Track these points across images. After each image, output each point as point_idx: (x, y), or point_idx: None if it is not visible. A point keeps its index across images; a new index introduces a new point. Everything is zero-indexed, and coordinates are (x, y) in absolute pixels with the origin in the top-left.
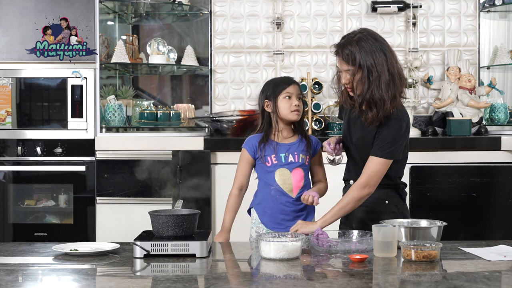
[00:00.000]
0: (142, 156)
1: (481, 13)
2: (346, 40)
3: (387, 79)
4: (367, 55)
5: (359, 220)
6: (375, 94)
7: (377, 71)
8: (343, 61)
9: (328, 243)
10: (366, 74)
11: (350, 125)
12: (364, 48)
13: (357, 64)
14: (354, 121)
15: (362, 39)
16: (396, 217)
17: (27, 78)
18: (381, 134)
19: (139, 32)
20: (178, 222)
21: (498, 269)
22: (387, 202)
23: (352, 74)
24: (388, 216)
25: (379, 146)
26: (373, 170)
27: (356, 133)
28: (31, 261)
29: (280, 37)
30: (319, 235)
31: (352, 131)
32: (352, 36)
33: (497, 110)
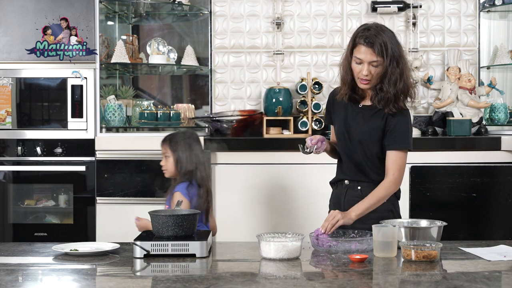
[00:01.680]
0: (142, 156)
1: (481, 13)
2: (374, 31)
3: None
4: (395, 47)
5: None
6: (406, 85)
7: (405, 62)
8: (374, 53)
9: (328, 243)
10: (396, 64)
11: (347, 122)
12: (392, 39)
13: (389, 55)
14: (353, 117)
15: (386, 31)
16: (394, 215)
17: (27, 78)
18: (397, 125)
19: (139, 32)
20: (178, 222)
21: (498, 269)
22: (385, 201)
23: (376, 65)
24: (387, 215)
25: (399, 138)
26: (401, 163)
27: (358, 128)
28: (31, 261)
29: (280, 37)
30: (319, 235)
31: (351, 127)
32: (376, 28)
33: (497, 110)
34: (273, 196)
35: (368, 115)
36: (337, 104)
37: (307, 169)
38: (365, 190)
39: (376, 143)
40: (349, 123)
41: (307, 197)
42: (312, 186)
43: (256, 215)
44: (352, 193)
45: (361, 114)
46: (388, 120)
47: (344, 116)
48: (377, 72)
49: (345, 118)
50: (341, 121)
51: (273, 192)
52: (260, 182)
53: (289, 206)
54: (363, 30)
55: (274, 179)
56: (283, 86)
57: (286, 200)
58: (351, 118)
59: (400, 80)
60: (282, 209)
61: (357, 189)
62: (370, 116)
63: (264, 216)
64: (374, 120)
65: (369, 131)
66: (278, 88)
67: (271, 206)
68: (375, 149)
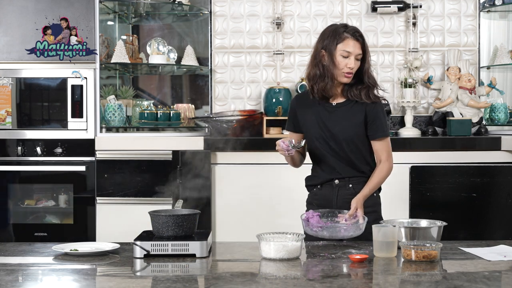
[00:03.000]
0: (142, 156)
1: (481, 13)
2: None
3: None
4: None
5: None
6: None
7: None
8: (360, 46)
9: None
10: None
11: (324, 123)
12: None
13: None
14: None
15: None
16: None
17: (27, 78)
18: (377, 115)
19: (139, 32)
20: (178, 222)
21: (498, 269)
22: (374, 195)
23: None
24: (379, 208)
25: (380, 126)
26: (389, 149)
27: (338, 126)
28: (31, 261)
29: (280, 37)
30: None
31: (331, 127)
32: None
33: (497, 110)
34: (273, 196)
35: (345, 112)
36: (304, 108)
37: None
38: (357, 187)
39: (360, 136)
40: (326, 124)
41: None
42: None
43: (256, 215)
44: (345, 192)
45: (336, 112)
46: (368, 113)
47: (317, 118)
48: (358, 65)
49: (320, 120)
50: (314, 124)
51: (273, 192)
52: (260, 182)
53: (289, 206)
54: (345, 26)
55: (274, 179)
56: (283, 86)
57: (286, 200)
58: (327, 118)
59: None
60: (282, 209)
61: (348, 187)
62: (347, 112)
63: (264, 216)
64: (354, 116)
65: (352, 126)
66: (278, 88)
67: (271, 206)
68: (360, 142)
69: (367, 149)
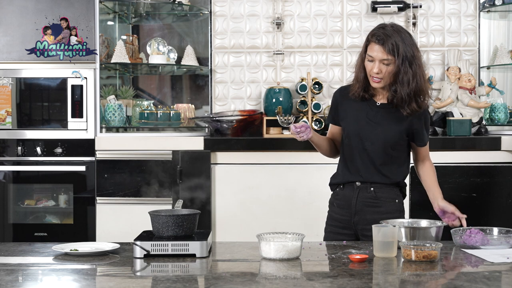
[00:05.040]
0: (142, 156)
1: (481, 13)
2: (387, 30)
3: (425, 71)
4: (408, 47)
5: (369, 221)
6: (420, 84)
7: (419, 63)
8: (385, 51)
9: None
10: (408, 65)
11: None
12: (405, 39)
13: (400, 55)
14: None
15: (401, 31)
16: (402, 215)
17: (27, 78)
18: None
19: (139, 32)
20: (178, 222)
21: (498, 269)
22: (397, 201)
23: (387, 64)
24: (399, 215)
25: (427, 135)
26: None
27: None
28: (31, 261)
29: (280, 37)
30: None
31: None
32: (390, 27)
33: (497, 110)
34: (273, 196)
35: (389, 114)
36: (347, 102)
37: (307, 169)
38: (379, 192)
39: (397, 142)
40: (368, 122)
41: (307, 197)
42: (312, 186)
43: (256, 215)
44: (365, 195)
45: (381, 113)
46: (414, 123)
47: (358, 115)
48: (388, 70)
49: (361, 117)
50: (354, 120)
51: (273, 192)
52: (260, 182)
53: (289, 206)
54: (378, 29)
55: (274, 179)
56: (283, 86)
57: (286, 200)
58: (370, 117)
59: (412, 81)
60: (282, 209)
61: (370, 190)
62: (391, 115)
63: (264, 216)
64: (398, 122)
65: (393, 131)
66: (278, 88)
67: (271, 206)
68: (396, 148)
69: (399, 156)
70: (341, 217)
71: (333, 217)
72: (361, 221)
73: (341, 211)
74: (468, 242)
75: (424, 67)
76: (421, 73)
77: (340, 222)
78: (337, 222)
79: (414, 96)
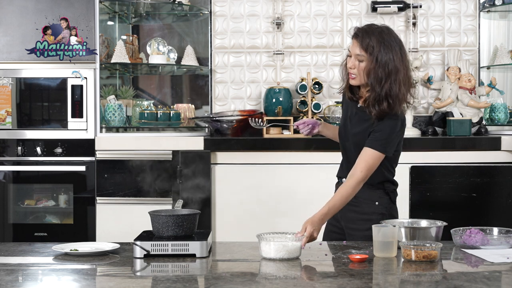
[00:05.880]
0: (142, 156)
1: (481, 13)
2: (369, 27)
3: (404, 78)
4: (386, 49)
5: (349, 219)
6: (392, 89)
7: (394, 67)
8: (359, 45)
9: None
10: (382, 67)
11: (346, 122)
12: (384, 40)
13: (374, 54)
14: (351, 117)
15: (384, 32)
16: (385, 218)
17: (27, 78)
18: (379, 127)
19: (139, 32)
20: (178, 222)
21: (498, 269)
22: (377, 204)
23: (361, 60)
24: (377, 217)
25: (376, 139)
26: (372, 164)
27: (353, 129)
28: (31, 261)
29: (280, 37)
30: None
31: (348, 127)
32: (375, 27)
33: (497, 110)
34: (273, 196)
35: (362, 116)
36: (344, 102)
37: (307, 169)
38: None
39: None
40: (347, 124)
41: (307, 197)
42: (312, 186)
43: (256, 215)
44: None
45: (358, 115)
46: (376, 122)
47: (345, 115)
48: (361, 67)
49: (345, 118)
50: (342, 121)
51: (273, 192)
52: (260, 182)
53: (289, 206)
54: (364, 26)
55: (274, 179)
56: (283, 86)
57: (286, 200)
58: (349, 119)
59: (385, 82)
60: (282, 209)
61: None
62: (363, 117)
63: (264, 216)
64: (366, 121)
65: (361, 131)
66: (278, 88)
67: (271, 206)
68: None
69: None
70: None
71: None
72: (344, 217)
73: None
74: (468, 242)
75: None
76: (400, 77)
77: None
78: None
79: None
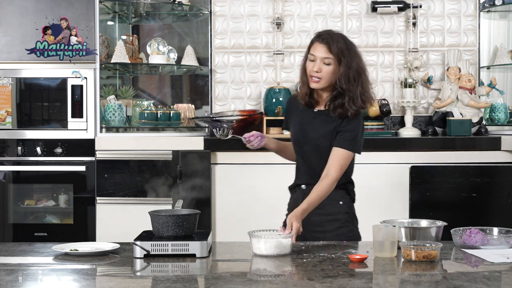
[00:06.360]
0: (142, 156)
1: (481, 13)
2: (331, 32)
3: (367, 79)
4: (352, 52)
5: (315, 223)
6: (364, 88)
7: (361, 68)
8: (326, 49)
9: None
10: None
11: (303, 127)
12: (348, 44)
13: (345, 57)
14: (309, 122)
15: (345, 37)
16: (350, 217)
17: (27, 78)
18: (347, 127)
19: (139, 32)
20: (178, 222)
21: (498, 269)
22: (341, 203)
23: (328, 63)
24: (343, 216)
25: (346, 139)
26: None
27: (314, 133)
28: (31, 261)
29: (280, 37)
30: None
31: (308, 132)
32: (335, 32)
33: (497, 110)
34: (273, 196)
35: (323, 120)
36: (294, 110)
37: None
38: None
39: (331, 146)
40: (305, 128)
41: None
42: None
43: (256, 215)
44: None
45: (316, 119)
46: (341, 122)
47: (300, 121)
48: (328, 70)
49: (301, 123)
50: (297, 127)
51: (273, 192)
52: (260, 182)
53: None
54: (324, 31)
55: (274, 179)
56: (283, 86)
57: (286, 200)
58: (307, 123)
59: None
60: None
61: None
62: (325, 120)
63: (264, 216)
64: (329, 125)
65: (324, 134)
66: (278, 88)
67: (271, 206)
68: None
69: None
70: None
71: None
72: (309, 223)
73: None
74: (468, 242)
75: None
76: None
77: None
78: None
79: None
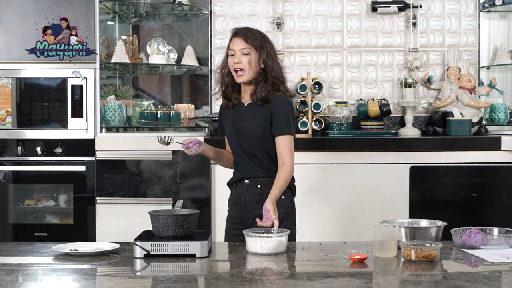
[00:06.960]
0: (142, 156)
1: (481, 13)
2: (245, 27)
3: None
4: (264, 41)
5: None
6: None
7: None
8: (243, 40)
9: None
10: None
11: (236, 123)
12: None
13: (262, 46)
14: (241, 117)
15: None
16: (291, 211)
17: (27, 78)
18: (281, 113)
19: (139, 32)
20: (178, 222)
21: (498, 269)
22: (283, 198)
23: (247, 53)
24: (285, 210)
25: (283, 124)
26: (291, 147)
27: (249, 124)
28: (31, 261)
29: (280, 37)
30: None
31: (241, 125)
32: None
33: (497, 110)
34: None
35: (254, 111)
36: (225, 113)
37: (307, 169)
38: (264, 188)
39: (268, 135)
40: (237, 123)
41: (306, 196)
42: (311, 185)
43: None
44: (252, 192)
45: (248, 112)
46: (272, 109)
47: (232, 119)
48: (248, 60)
49: (234, 121)
50: (230, 125)
51: None
52: None
53: None
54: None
55: None
56: None
57: None
58: (239, 118)
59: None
60: None
61: (257, 187)
62: (256, 111)
63: None
64: (261, 115)
65: (259, 125)
66: None
67: None
68: (268, 142)
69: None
70: (235, 214)
71: (230, 214)
72: (251, 216)
73: (235, 208)
74: (468, 242)
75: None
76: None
77: (235, 219)
78: (232, 219)
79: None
